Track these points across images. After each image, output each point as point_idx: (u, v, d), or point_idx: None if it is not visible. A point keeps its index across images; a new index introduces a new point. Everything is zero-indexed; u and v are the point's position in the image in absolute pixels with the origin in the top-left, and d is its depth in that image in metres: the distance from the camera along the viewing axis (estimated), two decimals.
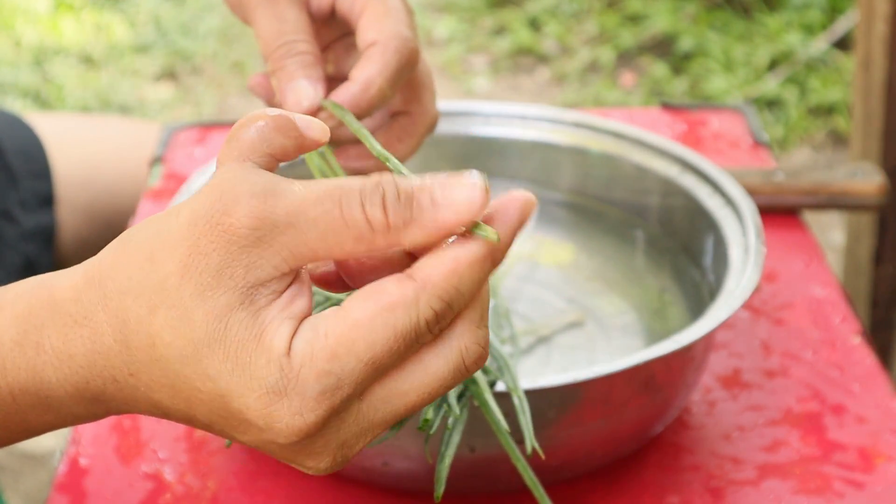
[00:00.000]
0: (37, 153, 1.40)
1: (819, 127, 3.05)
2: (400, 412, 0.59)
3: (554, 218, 1.19)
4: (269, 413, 0.57)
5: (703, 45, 3.29)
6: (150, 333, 0.58)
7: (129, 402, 0.62)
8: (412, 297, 0.57)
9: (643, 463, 0.98)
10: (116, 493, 0.95)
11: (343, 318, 0.57)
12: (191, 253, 0.57)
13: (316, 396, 0.57)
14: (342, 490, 0.95)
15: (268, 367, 0.56)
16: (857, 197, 1.25)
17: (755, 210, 1.03)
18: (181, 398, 0.59)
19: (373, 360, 0.57)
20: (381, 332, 0.56)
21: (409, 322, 0.57)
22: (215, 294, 0.57)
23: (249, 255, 0.56)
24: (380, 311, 0.56)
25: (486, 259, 0.58)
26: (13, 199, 1.37)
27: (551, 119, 1.18)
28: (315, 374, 0.56)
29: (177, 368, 0.58)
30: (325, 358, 0.56)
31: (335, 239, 0.57)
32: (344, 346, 0.56)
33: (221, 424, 0.60)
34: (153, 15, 3.57)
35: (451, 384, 0.59)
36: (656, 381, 0.91)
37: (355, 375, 0.57)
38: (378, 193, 0.57)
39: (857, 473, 0.96)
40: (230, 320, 0.57)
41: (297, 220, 0.56)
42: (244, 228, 0.56)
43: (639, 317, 1.10)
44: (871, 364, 1.07)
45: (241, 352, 0.57)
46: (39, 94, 3.22)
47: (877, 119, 1.73)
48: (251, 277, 0.57)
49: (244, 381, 0.57)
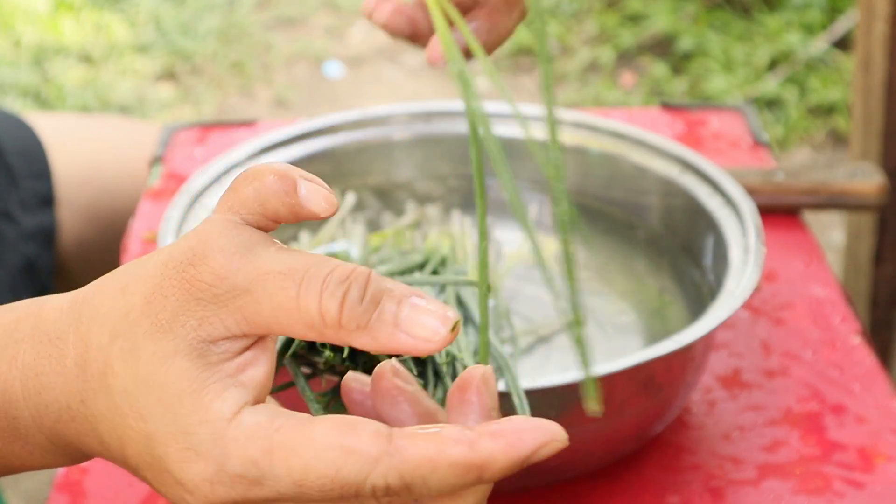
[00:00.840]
0: (37, 153, 1.40)
1: (819, 127, 3.05)
2: None
3: (554, 218, 1.19)
4: (183, 469, 0.55)
5: (703, 45, 3.29)
6: (106, 362, 0.58)
7: (80, 434, 0.61)
8: (374, 455, 0.53)
9: (643, 463, 0.98)
10: (116, 493, 0.95)
11: (303, 427, 0.55)
12: (154, 291, 0.57)
13: (233, 477, 0.54)
14: None
15: (199, 425, 0.55)
16: (857, 197, 1.25)
17: (755, 210, 1.03)
18: (116, 435, 0.58)
19: (300, 484, 0.54)
20: (323, 466, 0.53)
21: (355, 475, 0.53)
22: (166, 337, 0.56)
23: (204, 309, 0.56)
24: (336, 447, 0.54)
25: (472, 470, 0.54)
26: (13, 200, 1.37)
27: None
28: (242, 456, 0.54)
29: (118, 401, 0.57)
30: (260, 448, 0.54)
31: (286, 318, 0.55)
32: (283, 451, 0.54)
33: (146, 470, 0.58)
34: (153, 15, 3.57)
35: None
36: (656, 381, 0.91)
37: (278, 485, 0.54)
38: (342, 288, 0.55)
39: (857, 473, 0.96)
40: (173, 366, 0.56)
41: (254, 287, 0.55)
42: (204, 283, 0.56)
43: (638, 317, 1.10)
44: (871, 364, 1.07)
45: (175, 401, 0.55)
46: (39, 94, 3.22)
47: (877, 119, 1.73)
48: (202, 332, 0.56)
49: (171, 430, 0.55)
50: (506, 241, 1.18)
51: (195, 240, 0.57)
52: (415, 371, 0.80)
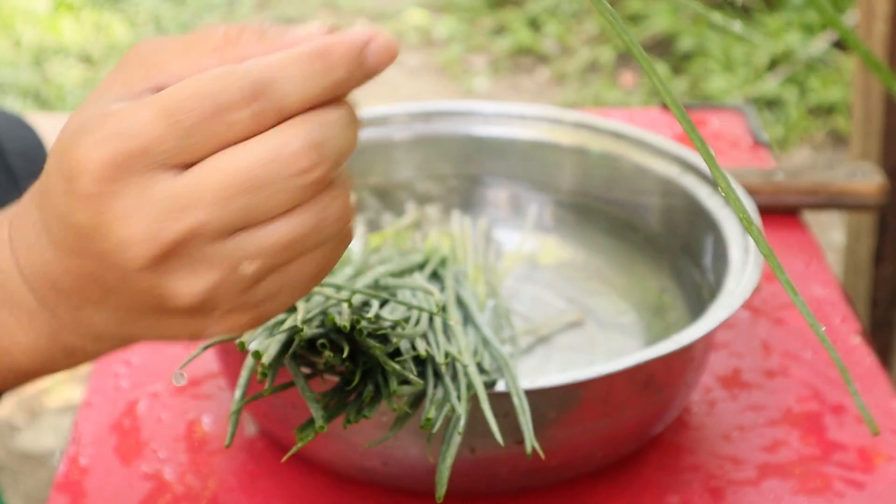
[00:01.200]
0: (38, 154, 1.40)
1: (819, 127, 3.05)
2: (232, 178, 0.56)
3: (554, 218, 1.19)
4: (74, 145, 0.56)
5: (703, 45, 3.29)
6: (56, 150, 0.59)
7: (59, 254, 0.60)
8: (231, 66, 0.56)
9: (643, 463, 0.98)
10: (116, 493, 0.95)
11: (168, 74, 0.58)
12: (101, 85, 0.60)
13: (109, 134, 0.56)
14: (342, 489, 0.95)
15: (90, 110, 0.57)
16: (857, 197, 1.25)
17: (755, 210, 1.03)
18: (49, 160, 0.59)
19: (168, 113, 0.55)
20: (190, 85, 0.55)
21: (217, 82, 0.55)
22: (98, 99, 0.58)
23: (127, 70, 0.58)
24: (192, 64, 0.57)
25: (315, 59, 0.57)
26: (14, 200, 1.37)
27: (551, 119, 1.18)
28: (114, 115, 0.56)
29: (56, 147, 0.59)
30: (124, 86, 0.58)
31: (195, 51, 0.57)
32: (164, 99, 0.56)
33: (47, 203, 0.60)
34: (153, 15, 3.57)
35: (273, 171, 0.56)
36: (656, 381, 0.91)
37: (148, 128, 0.55)
38: (239, 29, 0.59)
39: (857, 473, 0.96)
40: (96, 104, 0.58)
41: (168, 41, 0.58)
42: (131, 53, 0.59)
43: (639, 317, 1.10)
44: (870, 364, 1.07)
45: (84, 109, 0.58)
46: (39, 94, 3.22)
47: (877, 119, 1.73)
48: (127, 88, 0.58)
49: (71, 126, 0.58)
50: (506, 241, 1.18)
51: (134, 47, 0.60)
52: (415, 371, 0.80)
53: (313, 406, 0.77)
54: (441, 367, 0.82)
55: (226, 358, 0.95)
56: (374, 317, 0.80)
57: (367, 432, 0.87)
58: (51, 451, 2.13)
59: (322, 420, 0.76)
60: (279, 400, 0.90)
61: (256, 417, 0.97)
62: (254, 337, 0.79)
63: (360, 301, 0.82)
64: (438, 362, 0.82)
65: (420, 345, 0.81)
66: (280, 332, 0.79)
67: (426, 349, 0.81)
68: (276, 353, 0.78)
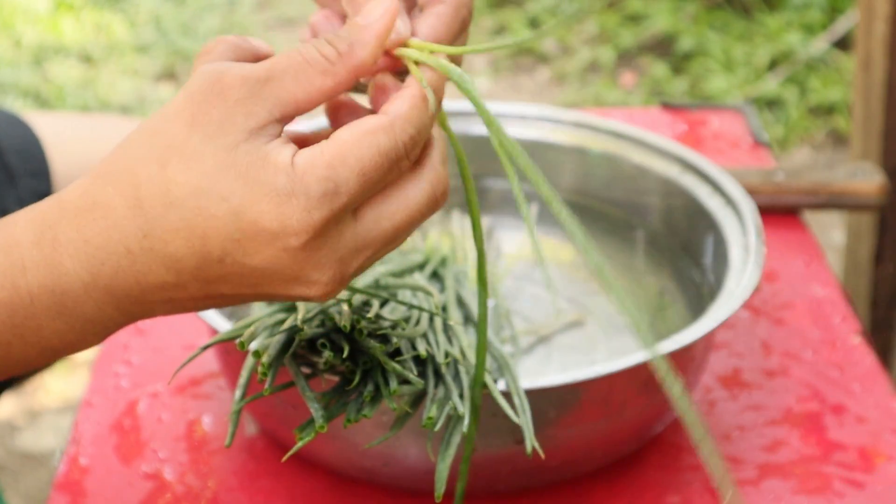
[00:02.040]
0: (35, 152, 1.40)
1: (819, 127, 3.05)
2: (387, 234, 0.69)
3: (554, 217, 1.19)
4: (281, 212, 0.65)
5: (703, 45, 3.29)
6: (164, 182, 0.66)
7: (141, 274, 0.68)
8: (388, 123, 0.68)
9: (643, 463, 0.98)
10: (116, 493, 0.95)
11: (335, 139, 0.67)
12: (194, 115, 0.66)
13: (319, 197, 0.65)
14: (342, 489, 0.95)
15: (276, 175, 0.65)
16: (857, 197, 1.25)
17: (755, 210, 1.03)
18: (196, 236, 0.66)
19: (363, 172, 0.66)
20: (367, 150, 0.67)
21: (389, 143, 0.67)
22: (223, 136, 0.66)
23: (245, 105, 0.66)
24: (364, 134, 0.67)
25: (427, 98, 0.70)
26: (11, 198, 1.37)
27: (551, 119, 1.18)
28: (316, 179, 0.65)
29: (192, 204, 0.66)
30: (323, 166, 0.66)
31: (306, 77, 0.68)
32: (338, 159, 0.66)
33: (234, 250, 0.66)
34: (153, 15, 3.57)
35: (426, 212, 0.70)
36: (656, 381, 0.91)
37: (350, 185, 0.66)
38: (323, 38, 0.69)
39: (857, 473, 0.96)
40: (238, 150, 0.66)
41: (273, 73, 0.67)
42: (235, 87, 0.66)
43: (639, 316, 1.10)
44: (871, 364, 1.07)
45: (250, 169, 0.66)
46: (39, 94, 3.22)
47: (877, 119, 1.73)
48: (251, 122, 0.66)
49: (256, 190, 0.65)
50: (506, 241, 1.18)
51: (203, 75, 0.67)
52: (415, 371, 0.80)
53: (313, 406, 0.77)
54: (441, 367, 0.82)
55: (226, 358, 0.95)
56: (375, 317, 0.80)
57: (367, 432, 0.87)
58: (51, 451, 2.13)
59: (322, 420, 0.76)
60: (279, 400, 0.90)
61: (257, 417, 0.97)
62: (254, 337, 0.79)
63: (361, 301, 0.82)
64: (439, 362, 0.82)
65: (420, 345, 0.81)
66: (280, 332, 0.79)
67: (426, 349, 0.81)
68: (276, 352, 0.78)
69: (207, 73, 0.68)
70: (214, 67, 0.68)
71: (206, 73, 0.68)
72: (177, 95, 0.68)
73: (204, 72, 0.68)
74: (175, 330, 1.11)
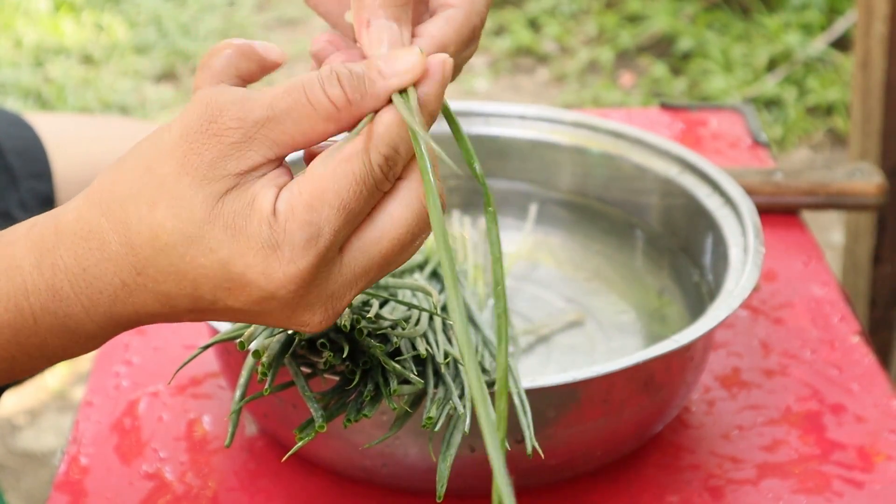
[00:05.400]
0: (37, 153, 1.40)
1: (818, 127, 3.06)
2: (376, 260, 0.67)
3: (554, 217, 1.19)
4: (267, 266, 0.65)
5: (702, 46, 3.29)
6: (153, 227, 0.66)
7: (138, 305, 0.69)
8: (361, 146, 0.65)
9: (643, 462, 0.98)
10: (117, 493, 0.95)
11: (310, 175, 0.65)
12: (186, 154, 0.65)
13: (303, 244, 0.65)
14: (342, 489, 0.95)
15: (259, 227, 0.65)
16: (855, 197, 1.25)
17: (754, 210, 1.03)
18: (187, 280, 0.66)
19: (343, 206, 0.65)
20: (344, 180, 0.65)
21: (363, 167, 0.65)
22: (212, 182, 0.65)
23: (240, 149, 0.65)
24: (338, 163, 0.65)
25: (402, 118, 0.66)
26: (13, 200, 1.37)
27: (551, 119, 1.18)
28: (298, 225, 0.64)
29: (181, 251, 0.66)
30: (303, 210, 0.65)
31: (308, 122, 0.65)
32: (317, 198, 0.65)
33: (225, 297, 0.67)
34: (154, 15, 3.57)
35: (416, 230, 0.68)
36: (656, 381, 0.91)
37: (332, 222, 0.65)
38: (334, 76, 0.66)
39: (856, 472, 0.96)
40: (226, 198, 0.65)
41: (272, 112, 0.65)
42: (231, 129, 0.65)
43: (638, 316, 1.10)
44: (869, 363, 1.07)
45: (237, 219, 0.65)
46: (40, 95, 3.22)
47: (875, 119, 1.73)
48: (243, 165, 0.65)
49: (242, 243, 0.65)
50: (505, 241, 1.18)
51: (201, 106, 0.66)
52: (415, 371, 0.80)
53: (313, 406, 0.77)
54: (441, 367, 0.82)
55: (226, 358, 0.95)
56: (374, 316, 0.80)
57: (367, 432, 0.87)
58: (52, 451, 2.13)
59: (322, 420, 0.76)
60: (279, 399, 0.90)
61: (256, 417, 0.97)
62: (254, 337, 0.79)
63: (360, 301, 0.82)
64: (438, 362, 0.82)
65: (420, 344, 0.82)
66: (280, 332, 0.79)
67: (426, 349, 0.81)
68: (275, 352, 0.78)
69: (204, 104, 0.66)
70: (212, 98, 0.66)
71: (202, 104, 0.66)
72: (174, 122, 0.67)
73: (201, 101, 0.66)
74: (175, 330, 1.11)
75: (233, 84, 0.69)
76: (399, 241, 0.67)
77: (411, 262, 1.00)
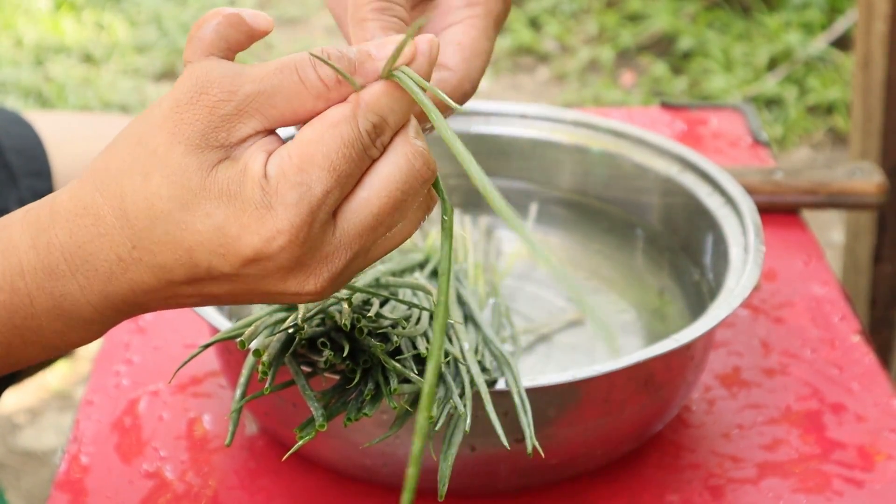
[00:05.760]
0: (36, 152, 1.40)
1: (818, 126, 3.05)
2: (369, 221, 0.68)
3: (554, 216, 1.19)
4: (261, 225, 0.66)
5: (703, 45, 3.29)
6: (147, 196, 0.67)
7: (134, 282, 0.69)
8: (349, 112, 0.66)
9: (643, 461, 0.98)
10: (117, 492, 0.95)
11: (299, 139, 0.67)
12: (177, 124, 0.66)
13: (295, 202, 0.66)
14: (342, 488, 0.95)
15: (252, 190, 0.66)
16: (856, 196, 1.25)
17: (754, 209, 1.03)
18: (183, 248, 0.67)
19: (332, 167, 0.66)
20: (332, 143, 0.66)
21: (352, 132, 0.66)
22: (204, 151, 0.66)
23: (230, 120, 0.66)
24: (326, 128, 0.66)
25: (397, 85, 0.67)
26: (12, 198, 1.37)
27: (551, 118, 1.18)
28: (289, 186, 0.66)
29: (177, 217, 0.67)
30: (293, 172, 0.66)
31: (298, 99, 0.67)
32: (306, 160, 0.66)
33: (220, 263, 0.67)
34: (154, 14, 3.57)
35: (407, 187, 0.68)
36: (656, 380, 0.91)
37: (322, 182, 0.66)
38: (325, 56, 0.67)
39: (856, 472, 0.96)
40: (219, 167, 0.66)
41: (263, 87, 0.66)
42: (222, 101, 0.66)
43: (638, 315, 1.10)
44: (870, 363, 1.07)
45: (230, 184, 0.66)
46: (41, 94, 3.22)
47: (876, 118, 1.73)
48: (233, 137, 0.66)
49: (238, 206, 0.66)
50: (505, 241, 1.18)
51: (192, 79, 0.67)
52: (415, 370, 0.80)
53: (313, 405, 0.77)
54: (441, 366, 0.82)
55: (226, 357, 0.95)
56: (375, 315, 0.80)
57: (367, 431, 0.87)
58: (52, 450, 2.13)
59: (322, 419, 0.76)
60: (279, 398, 0.90)
61: (257, 416, 0.97)
62: (254, 336, 0.79)
63: (361, 300, 0.82)
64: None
65: (420, 343, 0.82)
66: (280, 331, 0.79)
67: (427, 348, 0.81)
68: (276, 351, 0.78)
69: (195, 78, 0.67)
70: (203, 72, 0.67)
71: (193, 77, 0.67)
72: (164, 97, 0.68)
73: (192, 75, 0.67)
74: (176, 329, 1.11)
75: (223, 56, 0.69)
76: (390, 199, 0.68)
77: (411, 261, 1.00)
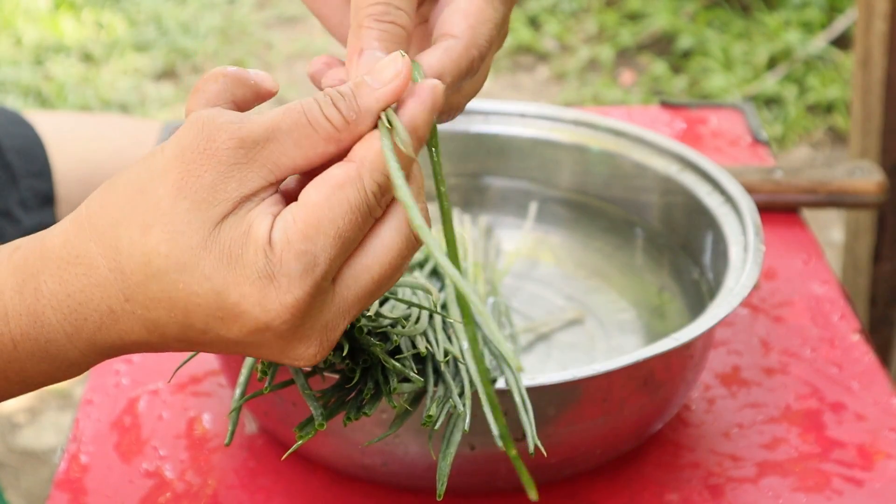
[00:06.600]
0: (37, 152, 1.40)
1: (818, 125, 3.06)
2: (368, 287, 0.66)
3: (554, 215, 1.19)
4: (263, 296, 0.64)
5: (703, 44, 3.29)
6: (145, 252, 0.64)
7: (124, 333, 0.67)
8: (355, 174, 0.64)
9: (643, 460, 0.98)
10: (117, 491, 0.95)
11: (304, 204, 0.64)
12: (183, 176, 0.64)
13: (300, 274, 0.64)
14: (342, 488, 0.95)
15: (255, 256, 0.64)
16: (856, 195, 1.25)
17: (754, 208, 1.03)
18: (178, 308, 0.65)
19: (339, 234, 0.64)
20: (339, 208, 0.64)
21: (358, 195, 0.64)
22: (211, 206, 0.64)
23: (240, 171, 0.64)
24: (333, 191, 0.64)
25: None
26: (13, 199, 1.37)
27: (551, 117, 1.18)
28: (294, 255, 0.63)
29: (174, 278, 0.64)
30: (298, 239, 0.63)
31: (309, 143, 0.65)
32: (312, 227, 0.64)
33: (218, 326, 0.65)
34: (154, 13, 3.57)
35: (406, 253, 0.67)
36: (656, 379, 0.91)
37: (328, 251, 0.64)
38: (327, 98, 0.65)
39: (856, 471, 0.96)
40: (223, 225, 0.64)
41: (273, 134, 0.64)
42: (230, 150, 0.64)
43: (638, 314, 1.10)
44: (870, 362, 1.07)
45: (233, 247, 0.64)
46: (40, 93, 3.22)
47: (876, 117, 1.73)
48: (244, 189, 0.64)
49: (238, 272, 0.64)
50: (505, 240, 1.18)
51: (197, 126, 0.64)
52: (415, 369, 0.80)
53: (313, 404, 0.77)
54: (441, 365, 0.82)
55: (226, 356, 0.95)
56: (374, 315, 0.80)
57: (366, 430, 0.87)
58: (52, 449, 2.13)
59: (322, 418, 0.76)
60: (279, 398, 0.90)
61: (256, 415, 0.97)
62: None
63: None
64: (438, 360, 0.82)
65: (420, 343, 0.82)
66: None
67: (426, 347, 0.81)
68: None
69: (201, 125, 0.65)
70: (209, 119, 0.65)
71: (199, 124, 0.65)
72: (166, 144, 0.65)
73: (197, 122, 0.65)
74: None
75: (228, 108, 0.68)
76: (390, 266, 0.67)
77: (411, 261, 1.00)
